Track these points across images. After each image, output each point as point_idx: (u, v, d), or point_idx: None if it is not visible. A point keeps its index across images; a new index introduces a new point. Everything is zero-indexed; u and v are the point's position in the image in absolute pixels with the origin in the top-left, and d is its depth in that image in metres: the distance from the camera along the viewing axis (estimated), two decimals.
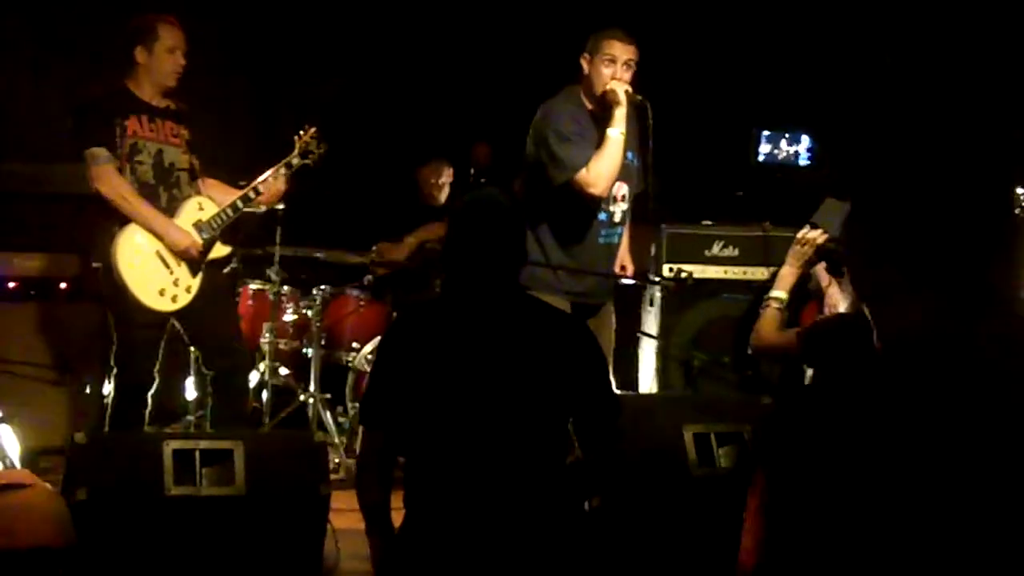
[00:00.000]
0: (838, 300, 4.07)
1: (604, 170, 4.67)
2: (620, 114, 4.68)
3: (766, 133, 6.69)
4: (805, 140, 6.67)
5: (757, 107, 6.90)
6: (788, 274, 4.12)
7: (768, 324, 4.05)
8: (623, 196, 4.91)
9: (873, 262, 1.91)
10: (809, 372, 4.05)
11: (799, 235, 4.13)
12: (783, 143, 6.61)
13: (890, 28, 6.27)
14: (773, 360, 4.67)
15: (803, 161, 6.70)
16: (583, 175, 4.66)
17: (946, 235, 1.83)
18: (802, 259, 4.10)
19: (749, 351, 4.27)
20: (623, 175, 4.84)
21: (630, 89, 4.72)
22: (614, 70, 4.74)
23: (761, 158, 6.63)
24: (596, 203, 4.80)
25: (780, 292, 4.09)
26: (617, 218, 4.93)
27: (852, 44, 6.60)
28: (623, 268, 5.13)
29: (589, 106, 4.82)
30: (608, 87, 4.72)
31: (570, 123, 4.75)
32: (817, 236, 4.07)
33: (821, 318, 4.03)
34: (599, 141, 4.72)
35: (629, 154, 4.85)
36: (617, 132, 4.68)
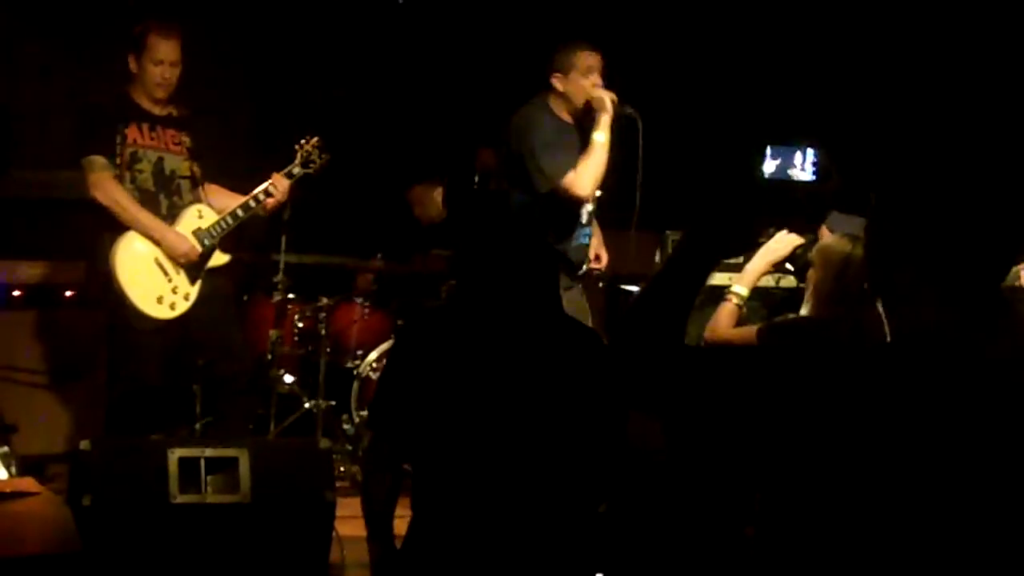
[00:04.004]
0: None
1: (590, 173, 4.81)
2: (606, 120, 4.80)
3: (777, 148, 6.68)
4: (810, 154, 6.67)
5: (760, 120, 6.89)
6: (755, 270, 3.98)
7: (725, 318, 3.92)
8: (593, 198, 5.01)
9: (892, 262, 1.92)
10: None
11: (778, 235, 4.02)
12: (793, 157, 6.62)
13: (903, 31, 6.25)
14: None
15: (808, 176, 6.69)
16: (570, 178, 4.78)
17: (970, 240, 1.84)
18: (775, 258, 3.99)
19: (702, 344, 4.05)
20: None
21: (616, 98, 4.83)
22: (593, 79, 4.85)
23: (770, 171, 6.63)
24: (580, 206, 4.92)
25: (742, 288, 3.97)
26: (584, 219, 5.04)
27: (859, 54, 6.58)
28: (598, 258, 5.22)
29: (564, 116, 4.93)
30: (595, 95, 4.83)
31: (551, 134, 4.86)
32: (796, 239, 4.02)
33: (780, 318, 3.86)
34: (580, 148, 4.84)
35: None
36: (603, 137, 4.81)
